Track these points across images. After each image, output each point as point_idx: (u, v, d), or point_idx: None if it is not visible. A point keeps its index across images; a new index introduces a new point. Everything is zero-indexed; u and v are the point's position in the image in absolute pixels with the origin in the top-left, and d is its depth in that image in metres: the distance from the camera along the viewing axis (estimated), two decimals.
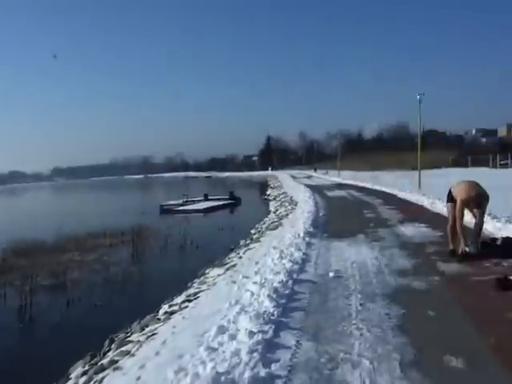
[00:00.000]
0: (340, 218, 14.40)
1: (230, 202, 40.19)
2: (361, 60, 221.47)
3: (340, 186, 32.80)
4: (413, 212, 14.50)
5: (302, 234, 10.41)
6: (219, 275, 9.90)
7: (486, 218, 10.17)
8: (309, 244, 9.51)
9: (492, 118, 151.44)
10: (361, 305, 5.43)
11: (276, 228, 15.20)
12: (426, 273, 6.71)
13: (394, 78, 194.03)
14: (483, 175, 24.33)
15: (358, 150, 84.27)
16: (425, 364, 3.87)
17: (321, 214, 15.11)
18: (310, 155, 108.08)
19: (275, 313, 5.20)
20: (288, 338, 4.57)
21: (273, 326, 4.83)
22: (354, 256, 8.14)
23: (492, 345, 4.04)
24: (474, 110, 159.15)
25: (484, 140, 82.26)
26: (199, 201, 40.80)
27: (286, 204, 24.62)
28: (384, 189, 25.63)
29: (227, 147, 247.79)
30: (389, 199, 19.98)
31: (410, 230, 10.73)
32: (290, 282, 6.48)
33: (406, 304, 5.37)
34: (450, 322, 4.73)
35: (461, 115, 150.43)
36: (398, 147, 70.85)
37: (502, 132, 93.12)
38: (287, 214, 18.60)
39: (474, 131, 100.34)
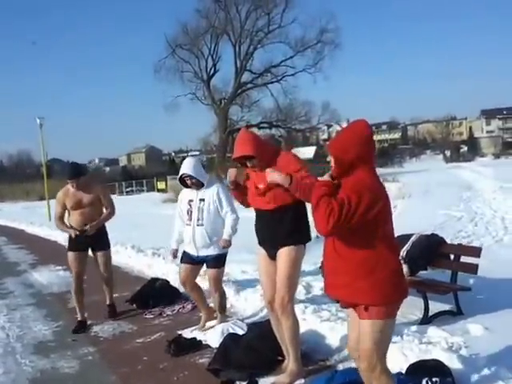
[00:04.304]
0: None
1: None
2: None
3: None
4: (46, 251, 12.45)
5: None
6: None
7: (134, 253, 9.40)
8: None
9: (113, 148, 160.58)
10: None
11: None
12: (74, 343, 5.05)
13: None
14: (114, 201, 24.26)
15: None
16: None
17: None
18: None
19: None
20: None
21: None
22: None
23: None
24: (96, 140, 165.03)
25: (108, 169, 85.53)
26: None
27: None
28: (10, 223, 22.33)
29: None
30: (16, 236, 17.22)
31: (46, 276, 8.78)
32: None
33: None
34: None
35: (83, 145, 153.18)
36: (23, 176, 65.72)
37: (123, 161, 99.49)
38: None
39: (97, 160, 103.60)
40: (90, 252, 5.66)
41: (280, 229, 3.52)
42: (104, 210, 5.61)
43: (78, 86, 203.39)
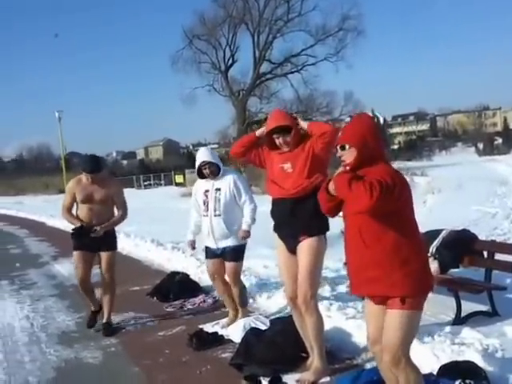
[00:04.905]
0: None
1: None
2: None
3: None
4: (67, 243, 12.33)
5: None
6: None
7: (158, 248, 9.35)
8: None
9: (130, 141, 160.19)
10: None
11: None
12: (96, 334, 5.03)
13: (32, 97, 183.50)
14: (132, 195, 24.35)
15: None
16: None
17: None
18: None
19: None
20: None
21: None
22: None
23: None
24: (113, 133, 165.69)
25: (125, 162, 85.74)
26: None
27: None
28: (31, 216, 22.54)
29: None
30: (37, 228, 17.36)
31: (68, 268, 8.73)
32: None
33: None
34: None
35: (101, 138, 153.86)
36: (42, 169, 66.36)
37: (141, 154, 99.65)
38: None
39: (114, 153, 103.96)
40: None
41: (303, 215, 3.39)
42: (115, 210, 5.13)
43: (96, 80, 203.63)
